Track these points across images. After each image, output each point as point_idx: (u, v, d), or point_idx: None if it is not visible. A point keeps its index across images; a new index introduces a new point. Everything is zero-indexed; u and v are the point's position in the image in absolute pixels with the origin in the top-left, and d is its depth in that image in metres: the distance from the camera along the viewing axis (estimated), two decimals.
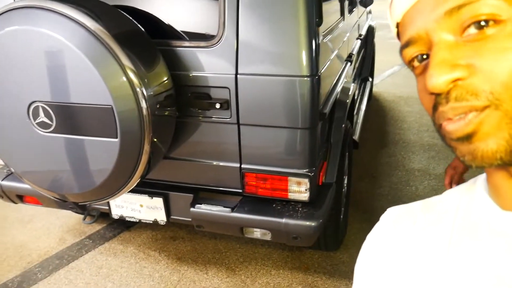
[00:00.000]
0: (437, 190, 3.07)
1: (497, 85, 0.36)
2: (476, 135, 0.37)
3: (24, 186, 1.92)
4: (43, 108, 1.53)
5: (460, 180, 1.51)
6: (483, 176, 0.48)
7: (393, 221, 0.54)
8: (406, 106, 4.88)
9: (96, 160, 1.57)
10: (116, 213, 2.01)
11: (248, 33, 1.58)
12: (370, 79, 4.64)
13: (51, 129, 1.56)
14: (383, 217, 0.57)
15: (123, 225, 2.67)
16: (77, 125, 1.53)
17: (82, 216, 2.68)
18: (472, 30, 0.37)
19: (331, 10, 2.09)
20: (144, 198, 1.93)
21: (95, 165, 1.58)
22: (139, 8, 1.73)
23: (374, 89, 5.31)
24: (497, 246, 0.43)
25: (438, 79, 0.37)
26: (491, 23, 0.36)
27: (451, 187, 1.50)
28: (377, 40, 4.93)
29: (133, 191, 1.91)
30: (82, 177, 1.62)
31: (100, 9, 1.61)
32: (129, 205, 1.97)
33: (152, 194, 1.92)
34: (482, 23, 0.37)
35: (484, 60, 0.36)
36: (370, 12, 4.69)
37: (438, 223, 0.49)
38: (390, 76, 6.17)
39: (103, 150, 1.53)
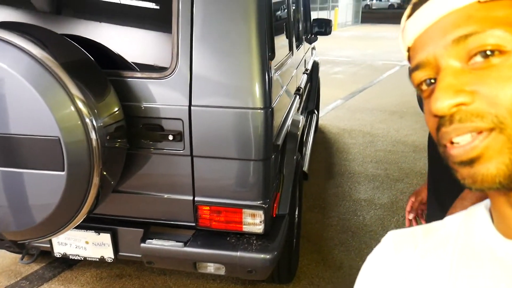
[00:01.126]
0: (383, 219, 3.18)
1: (502, 110, 0.38)
2: (480, 159, 0.39)
3: None
4: None
5: (419, 208, 1.54)
6: (485, 203, 0.48)
7: (394, 245, 0.54)
8: (350, 138, 5.07)
9: (40, 195, 1.47)
10: (58, 251, 1.88)
11: (202, 65, 1.58)
12: (316, 112, 4.80)
13: None
14: (384, 240, 0.56)
15: (64, 264, 2.49)
16: (20, 157, 1.43)
17: (17, 255, 2.49)
18: (478, 58, 0.39)
19: (280, 45, 2.16)
20: (90, 234, 1.83)
21: (39, 200, 1.48)
22: (89, 38, 1.69)
23: (319, 122, 5.48)
24: (500, 275, 0.42)
25: (442, 102, 0.40)
26: (496, 53, 0.39)
27: (409, 214, 1.54)
28: (320, 75, 5.13)
29: (78, 227, 1.80)
30: (23, 213, 1.51)
31: (47, 37, 1.56)
32: (74, 242, 1.85)
33: (99, 230, 1.82)
34: (488, 52, 0.39)
35: (489, 87, 0.38)
36: (314, 48, 4.90)
37: (438, 249, 0.49)
38: (333, 110, 6.40)
39: (48, 184, 1.44)
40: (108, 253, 1.85)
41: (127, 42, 1.73)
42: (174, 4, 1.57)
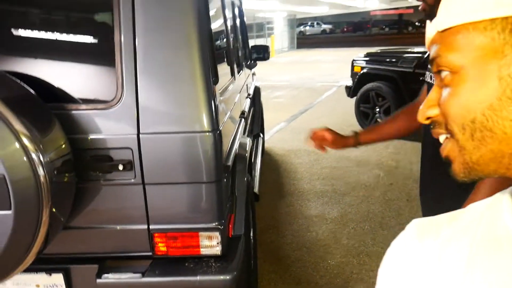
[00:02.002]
0: (335, 232, 3.28)
1: (449, 120, 0.48)
2: (449, 159, 0.49)
3: None
4: None
5: (325, 142, 1.68)
6: (510, 189, 0.49)
7: (417, 234, 0.54)
8: (296, 158, 5.21)
9: None
10: None
11: (148, 93, 1.61)
12: (262, 135, 4.90)
13: None
14: (408, 228, 0.56)
15: None
16: None
17: None
18: (444, 77, 0.48)
19: (223, 72, 2.23)
20: (41, 277, 1.75)
21: None
22: (29, 74, 1.66)
23: (265, 145, 5.60)
24: None
25: (419, 115, 0.52)
26: (450, 73, 0.47)
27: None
28: (262, 99, 5.28)
29: (27, 269, 1.72)
30: None
31: None
32: (23, 287, 1.76)
33: (50, 271, 1.75)
34: (445, 73, 0.48)
35: (443, 102, 0.48)
36: (254, 74, 5.05)
37: (459, 238, 0.49)
38: (278, 132, 6.57)
39: None
40: None
41: (69, 75, 1.72)
42: (116, 36, 1.60)
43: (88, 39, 1.76)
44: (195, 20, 1.61)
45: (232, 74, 2.60)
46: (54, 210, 1.47)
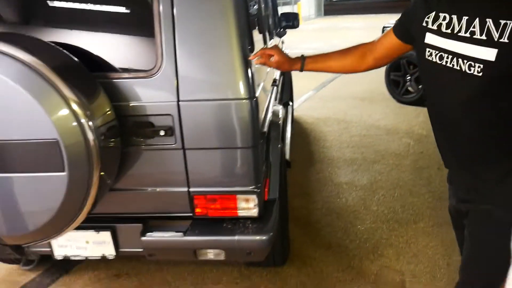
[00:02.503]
0: (365, 199, 3.32)
1: None
2: None
3: None
4: None
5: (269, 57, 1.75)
6: None
7: None
8: (325, 126, 5.22)
9: (42, 197, 1.51)
10: (59, 253, 1.93)
11: (187, 62, 1.66)
12: (291, 103, 4.92)
13: None
14: None
15: (62, 269, 2.52)
16: (21, 162, 1.48)
17: (15, 266, 2.50)
18: None
19: (256, 40, 2.25)
20: (90, 234, 1.88)
21: (41, 202, 1.52)
22: (75, 45, 1.73)
23: (294, 113, 5.61)
24: None
25: None
26: None
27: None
28: None
29: (77, 227, 1.85)
30: (26, 217, 1.55)
31: (35, 45, 1.60)
32: (74, 243, 1.90)
33: (98, 229, 1.87)
34: None
35: None
36: (283, 42, 5.01)
37: None
38: (306, 100, 6.55)
39: (49, 186, 1.49)
40: (109, 251, 1.91)
41: (112, 46, 1.79)
42: (155, 6, 1.64)
43: (129, 10, 1.81)
44: None
45: (265, 42, 2.62)
46: (102, 173, 1.57)
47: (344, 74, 2.35)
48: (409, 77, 5.88)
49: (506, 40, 1.11)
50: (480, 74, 1.17)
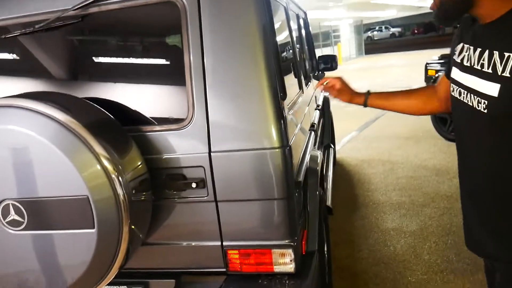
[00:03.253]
0: (415, 247, 3.10)
1: None
2: None
3: None
4: (13, 205, 1.48)
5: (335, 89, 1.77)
6: None
7: None
8: (370, 168, 5.04)
9: (72, 254, 1.50)
10: None
11: (218, 112, 1.63)
12: (332, 146, 4.81)
13: (23, 226, 1.49)
14: None
15: None
16: (51, 219, 1.47)
17: None
18: None
19: (290, 85, 2.21)
20: None
21: (71, 259, 1.50)
22: (108, 98, 1.77)
23: (336, 155, 5.48)
24: None
25: None
26: None
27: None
28: (333, 109, 5.19)
29: (110, 283, 1.81)
30: (56, 275, 1.53)
31: (69, 102, 1.64)
32: None
33: (131, 285, 1.83)
34: None
35: None
36: None
37: None
38: (349, 142, 6.41)
39: (79, 243, 1.47)
40: None
41: (143, 98, 1.80)
42: (186, 57, 1.65)
43: (160, 62, 1.84)
44: (260, 39, 1.62)
45: (300, 87, 2.58)
46: (133, 227, 1.54)
47: (389, 113, 2.26)
48: None
49: (508, 74, 1.01)
50: (485, 111, 1.08)
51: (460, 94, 1.21)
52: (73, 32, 1.82)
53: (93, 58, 1.88)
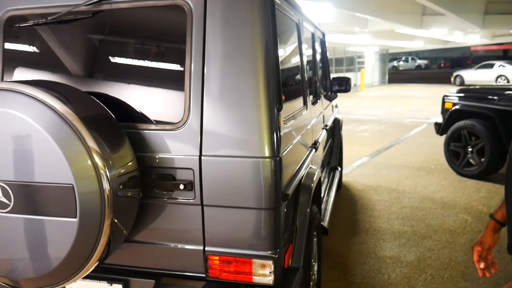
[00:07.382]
0: (409, 278, 3.03)
1: None
2: None
3: None
4: (2, 187, 1.51)
5: (488, 255, 1.55)
6: None
7: None
8: (376, 195, 4.98)
9: (53, 242, 1.51)
10: None
11: (212, 117, 1.65)
12: (339, 168, 4.78)
13: (9, 209, 1.52)
14: None
15: None
16: (36, 205, 1.50)
17: None
18: None
19: (292, 99, 2.22)
20: (102, 285, 1.83)
21: (52, 246, 1.52)
22: (111, 95, 1.80)
23: (344, 178, 5.43)
24: None
25: None
26: None
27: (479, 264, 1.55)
28: (346, 133, 5.18)
29: (91, 277, 1.82)
30: (37, 260, 1.55)
31: (70, 93, 1.67)
32: None
33: (111, 281, 1.83)
34: None
35: None
36: (336, 106, 4.98)
37: None
38: (359, 166, 6.35)
39: (60, 231, 1.49)
40: None
41: (142, 97, 1.83)
42: (187, 63, 1.68)
43: (161, 63, 1.87)
44: (261, 51, 1.64)
45: (305, 103, 2.58)
46: (116, 222, 1.55)
47: (404, 142, 2.20)
48: (470, 149, 5.54)
49: None
50: None
51: None
52: (82, 28, 1.87)
53: (98, 54, 1.93)
